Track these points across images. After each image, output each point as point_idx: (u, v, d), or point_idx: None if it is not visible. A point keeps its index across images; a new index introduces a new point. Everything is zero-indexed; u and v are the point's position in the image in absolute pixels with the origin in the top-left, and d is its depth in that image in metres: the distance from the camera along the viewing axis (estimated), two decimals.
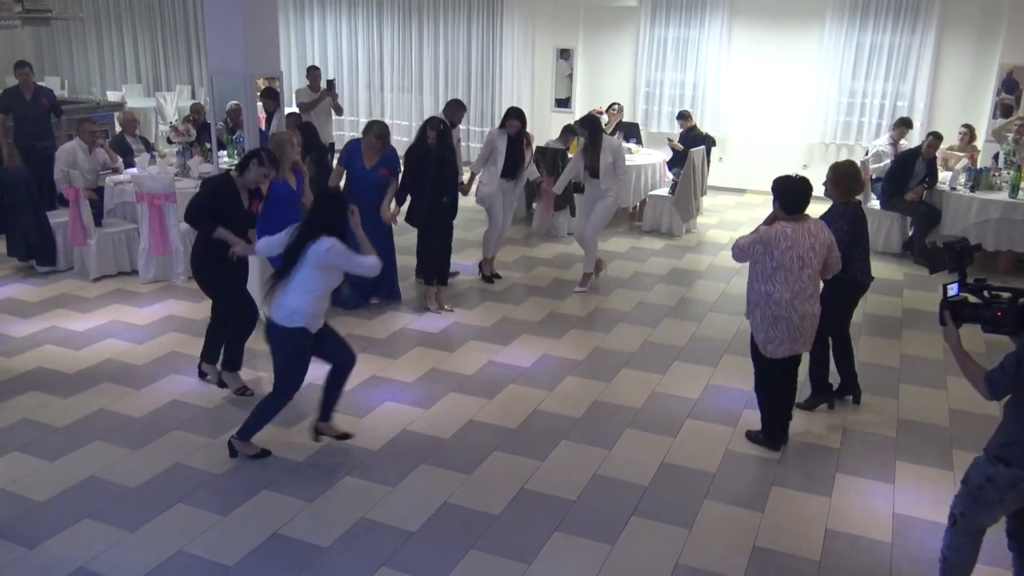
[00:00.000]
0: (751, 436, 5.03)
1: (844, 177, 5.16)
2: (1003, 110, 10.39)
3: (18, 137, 9.18)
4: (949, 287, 3.46)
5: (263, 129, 7.25)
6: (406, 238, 7.60)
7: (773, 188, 4.66)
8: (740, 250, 4.66)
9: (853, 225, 5.13)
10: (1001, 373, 3.18)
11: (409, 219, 6.98)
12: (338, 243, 4.34)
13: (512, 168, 7.74)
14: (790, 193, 4.57)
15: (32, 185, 7.77)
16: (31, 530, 4.01)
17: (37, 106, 9.25)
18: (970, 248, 3.54)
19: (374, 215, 6.51)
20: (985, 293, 3.38)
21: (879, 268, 8.59)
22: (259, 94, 7.39)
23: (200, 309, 6.98)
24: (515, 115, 7.69)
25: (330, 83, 10.33)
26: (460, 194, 7.30)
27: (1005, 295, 3.35)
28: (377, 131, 6.68)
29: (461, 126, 13.36)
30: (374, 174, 6.65)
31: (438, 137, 6.71)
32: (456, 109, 8.07)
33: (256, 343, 5.37)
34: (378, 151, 6.66)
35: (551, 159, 9.46)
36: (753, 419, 5.24)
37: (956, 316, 3.38)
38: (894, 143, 9.65)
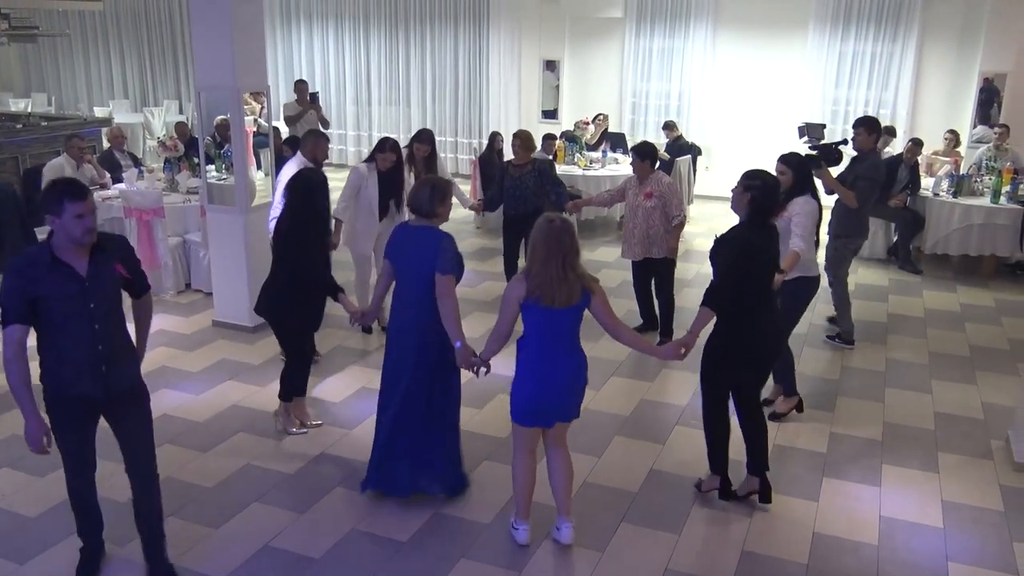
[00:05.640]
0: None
1: (527, 140, 7.05)
2: (982, 117, 10.49)
3: None
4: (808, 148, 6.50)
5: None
6: None
7: (642, 154, 6.42)
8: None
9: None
10: (868, 185, 6.25)
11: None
12: None
13: (387, 209, 6.58)
14: (653, 151, 6.53)
15: (20, 201, 7.77)
16: (22, 545, 4.01)
17: None
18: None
19: None
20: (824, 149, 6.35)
21: (865, 274, 8.70)
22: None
23: (189, 323, 6.99)
24: (390, 147, 6.40)
25: (313, 96, 10.40)
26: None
27: (835, 141, 6.65)
28: None
29: (446, 138, 13.65)
30: None
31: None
32: (308, 143, 6.21)
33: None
34: None
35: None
36: None
37: (827, 162, 6.12)
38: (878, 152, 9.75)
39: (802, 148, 7.14)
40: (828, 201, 6.00)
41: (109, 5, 14.52)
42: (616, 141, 11.23)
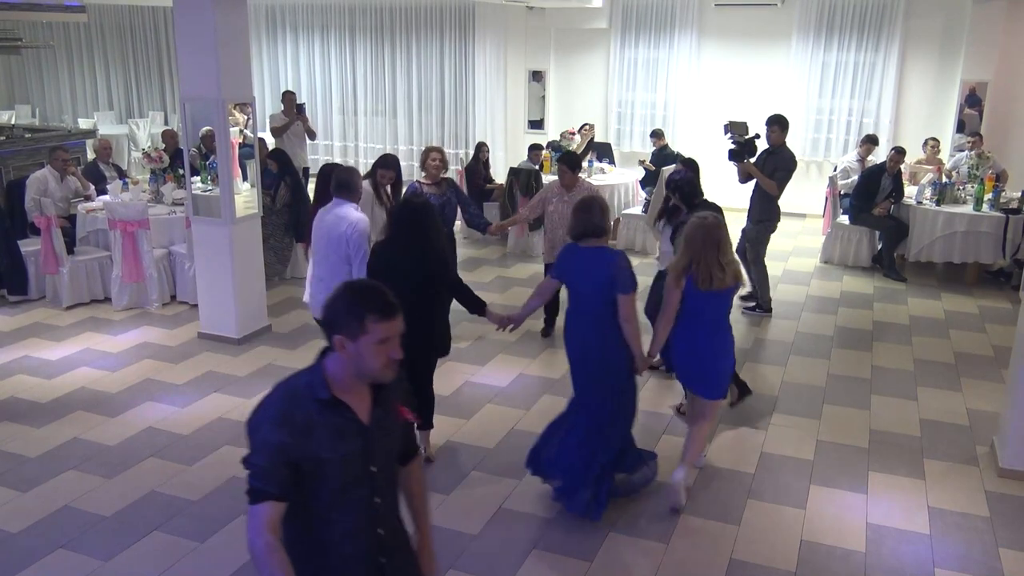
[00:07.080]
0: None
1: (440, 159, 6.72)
2: (958, 124, 10.60)
3: None
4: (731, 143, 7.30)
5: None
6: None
7: (571, 164, 6.62)
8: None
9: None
10: (785, 176, 7.25)
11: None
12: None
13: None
14: (579, 161, 6.88)
15: (4, 214, 7.71)
16: (5, 561, 3.96)
17: None
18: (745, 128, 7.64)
19: None
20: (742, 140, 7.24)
21: (850, 282, 8.75)
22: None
23: (174, 335, 6.95)
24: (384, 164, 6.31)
25: (300, 107, 10.38)
26: None
27: (751, 136, 7.33)
28: None
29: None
30: None
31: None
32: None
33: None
34: None
35: (524, 180, 9.55)
36: (731, 436, 5.31)
37: (748, 155, 7.17)
38: (861, 160, 9.85)
39: (727, 143, 7.48)
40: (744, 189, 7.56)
41: (94, 17, 14.48)
42: (602, 151, 11.26)
